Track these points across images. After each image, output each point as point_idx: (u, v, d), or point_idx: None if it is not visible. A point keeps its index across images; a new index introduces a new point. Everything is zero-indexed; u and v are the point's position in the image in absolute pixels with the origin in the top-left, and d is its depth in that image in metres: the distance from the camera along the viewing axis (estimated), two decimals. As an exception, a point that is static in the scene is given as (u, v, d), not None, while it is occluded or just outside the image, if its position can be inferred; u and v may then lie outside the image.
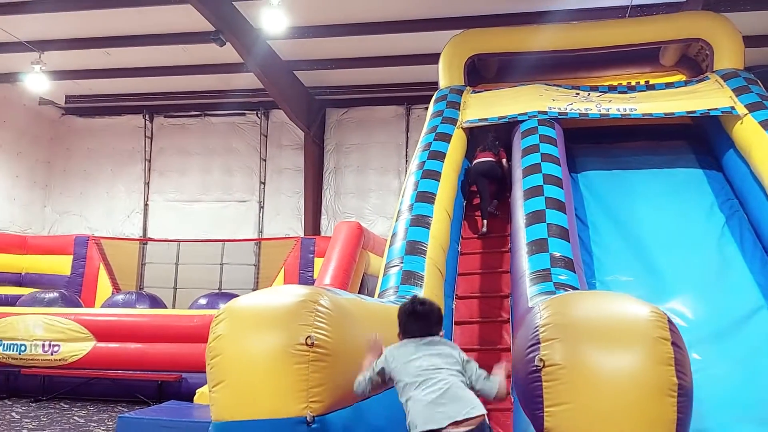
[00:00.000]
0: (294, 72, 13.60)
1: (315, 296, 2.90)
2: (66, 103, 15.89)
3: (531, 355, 2.85)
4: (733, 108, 7.08)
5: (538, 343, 2.83)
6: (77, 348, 8.71)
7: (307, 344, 2.74)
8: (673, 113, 7.41)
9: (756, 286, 5.58)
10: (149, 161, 16.26)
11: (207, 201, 15.96)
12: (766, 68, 11.24)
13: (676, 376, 2.72)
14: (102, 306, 11.52)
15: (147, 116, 16.23)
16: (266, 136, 15.78)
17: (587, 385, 2.69)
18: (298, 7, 10.51)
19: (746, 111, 6.94)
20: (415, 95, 14.26)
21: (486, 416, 2.74)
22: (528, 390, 2.86)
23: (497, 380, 2.94)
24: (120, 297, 11.30)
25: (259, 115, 15.75)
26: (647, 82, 8.96)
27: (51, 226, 16.46)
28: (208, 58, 12.63)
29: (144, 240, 15.23)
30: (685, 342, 5.05)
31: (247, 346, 2.76)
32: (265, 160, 15.76)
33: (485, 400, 2.87)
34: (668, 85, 8.33)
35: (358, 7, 10.74)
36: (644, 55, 9.29)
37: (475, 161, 7.70)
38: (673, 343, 2.79)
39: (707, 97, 7.51)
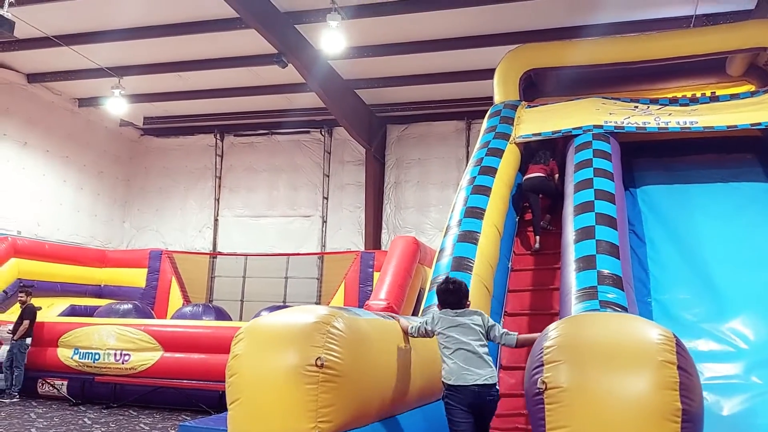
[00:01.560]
0: (355, 90, 13.92)
1: (329, 318, 2.97)
2: (144, 124, 16.89)
3: (535, 377, 2.86)
4: (802, 119, 6.73)
5: (542, 365, 2.85)
6: (146, 357, 9.18)
7: (317, 365, 2.81)
8: (736, 125, 7.11)
9: (825, 308, 5.27)
10: (219, 178, 16.99)
11: (273, 216, 16.48)
12: None
13: (681, 400, 2.66)
14: (171, 317, 12.08)
15: (218, 135, 16.99)
16: (329, 153, 16.18)
17: (588, 408, 2.67)
18: (356, 27, 10.79)
19: (817, 122, 6.58)
20: (475, 110, 14.24)
21: (497, 384, 3.75)
22: (532, 412, 2.88)
23: (515, 336, 3.88)
24: (188, 309, 11.81)
25: (323, 133, 16.17)
26: (713, 93, 8.64)
27: (129, 241, 17.43)
28: (273, 78, 13.14)
29: (214, 254, 15.87)
30: (746, 365, 4.93)
31: (261, 366, 2.86)
32: (328, 176, 16.14)
33: None
34: (733, 96, 8.01)
35: (414, 26, 10.91)
36: (710, 66, 8.98)
37: (525, 176, 7.65)
38: (679, 367, 2.73)
39: (775, 108, 7.18)
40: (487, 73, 9.62)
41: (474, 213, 6.48)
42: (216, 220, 16.94)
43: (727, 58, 8.73)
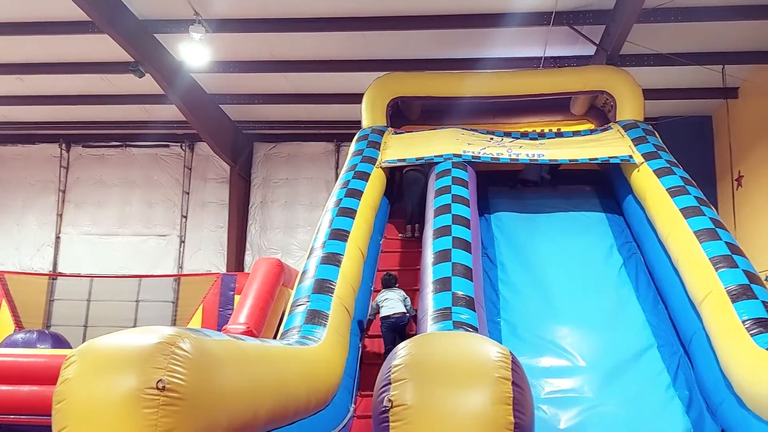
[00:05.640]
0: (220, 105, 13.50)
1: (174, 339, 2.82)
2: (-24, 129, 15.11)
3: (382, 396, 2.93)
4: (631, 156, 7.52)
5: (390, 383, 2.92)
6: (-35, 390, 8.06)
7: (158, 388, 2.65)
8: (576, 160, 7.81)
9: (648, 326, 5.87)
10: (64, 192, 15.57)
11: (125, 234, 15.37)
12: (665, 120, 12.06)
13: (514, 414, 2.84)
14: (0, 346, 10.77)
15: (63, 145, 15.60)
16: (190, 169, 15.47)
17: (430, 425, 2.77)
18: (222, 42, 10.50)
19: (643, 160, 7.39)
20: (344, 133, 14.32)
21: (407, 314, 6.17)
22: (377, 430, 2.93)
23: (413, 312, 6.15)
24: (20, 336, 10.59)
25: (183, 148, 15.45)
26: (558, 129, 9.44)
27: (-47, 259, 15.41)
28: (129, 88, 12.35)
29: (53, 275, 14.44)
30: (581, 380, 5.33)
31: (94, 390, 2.65)
32: (188, 193, 15.40)
33: None
34: (575, 133, 8.79)
35: (283, 45, 10.83)
36: (557, 104, 9.83)
37: (406, 169, 8.16)
38: (513, 383, 2.91)
39: (609, 145, 7.97)
40: (357, 98, 9.77)
41: (338, 235, 6.50)
42: (58, 237, 15.48)
43: (571, 98, 9.61)
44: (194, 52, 10.18)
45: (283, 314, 10.29)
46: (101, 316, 13.42)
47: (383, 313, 6.14)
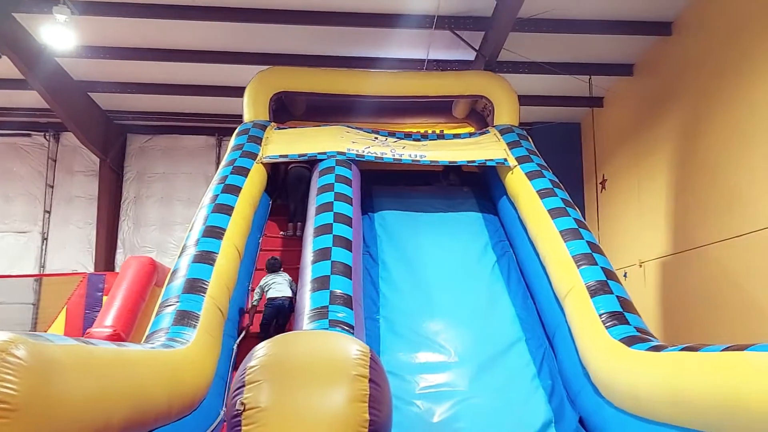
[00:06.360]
0: (88, 93, 12.56)
1: (6, 345, 2.53)
2: None
3: (235, 399, 2.84)
4: (506, 159, 7.85)
5: (244, 386, 2.83)
6: None
7: None
8: (456, 161, 8.05)
9: (517, 320, 6.14)
10: None
11: (-23, 231, 13.93)
12: (539, 125, 12.77)
13: (369, 412, 2.83)
14: None
15: None
16: (55, 161, 14.29)
17: (284, 427, 2.71)
18: (91, 25, 9.74)
19: (516, 163, 7.74)
20: (226, 127, 13.83)
21: (292, 299, 6.24)
22: None
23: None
24: None
25: (47, 137, 14.23)
26: (441, 131, 9.68)
27: None
28: (-16, 70, 11.18)
29: None
30: (454, 374, 5.47)
31: None
32: (52, 187, 14.22)
33: None
34: (456, 136, 9.06)
35: (160, 33, 10.24)
36: (440, 107, 10.07)
37: (291, 166, 8.10)
38: (371, 380, 2.91)
39: (486, 148, 8.27)
40: (240, 91, 9.45)
41: (213, 233, 6.24)
42: None
43: (453, 101, 9.88)
44: (59, 35, 9.36)
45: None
46: (-55, 321, 12.08)
47: (270, 294, 6.30)
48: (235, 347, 5.67)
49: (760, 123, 7.60)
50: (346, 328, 4.67)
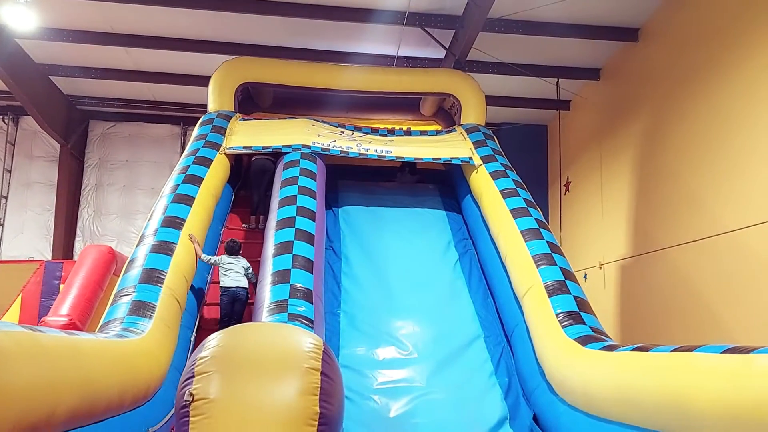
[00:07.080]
0: (50, 76, 12.21)
1: None
2: None
3: (183, 390, 2.80)
4: (471, 158, 7.90)
5: (193, 377, 2.79)
6: None
7: None
8: (421, 158, 8.06)
9: (476, 317, 6.20)
10: None
11: (-72, 215, 13.45)
12: (506, 126, 12.89)
13: (320, 405, 2.82)
14: None
15: None
16: (13, 145, 13.87)
17: (232, 418, 2.69)
18: (53, 7, 9.46)
19: (481, 162, 7.79)
20: (192, 116, 13.59)
21: (247, 289, 6.29)
22: (178, 426, 2.81)
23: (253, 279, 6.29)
24: None
25: (6, 121, 13.80)
26: (408, 128, 9.67)
27: None
28: (-62, 48, 10.75)
29: None
30: (413, 370, 5.48)
31: None
32: (10, 172, 13.80)
33: None
34: (423, 133, 9.06)
35: (124, 18, 10.00)
36: (408, 104, 10.05)
37: (255, 157, 8.05)
38: (322, 373, 2.90)
39: (452, 147, 8.30)
40: (206, 80, 9.29)
41: (173, 223, 6.14)
42: None
43: (421, 98, 9.89)
44: (19, 16, 9.07)
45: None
46: None
47: (225, 283, 6.20)
48: (192, 339, 5.58)
49: (720, 130, 7.81)
50: (306, 322, 4.64)
